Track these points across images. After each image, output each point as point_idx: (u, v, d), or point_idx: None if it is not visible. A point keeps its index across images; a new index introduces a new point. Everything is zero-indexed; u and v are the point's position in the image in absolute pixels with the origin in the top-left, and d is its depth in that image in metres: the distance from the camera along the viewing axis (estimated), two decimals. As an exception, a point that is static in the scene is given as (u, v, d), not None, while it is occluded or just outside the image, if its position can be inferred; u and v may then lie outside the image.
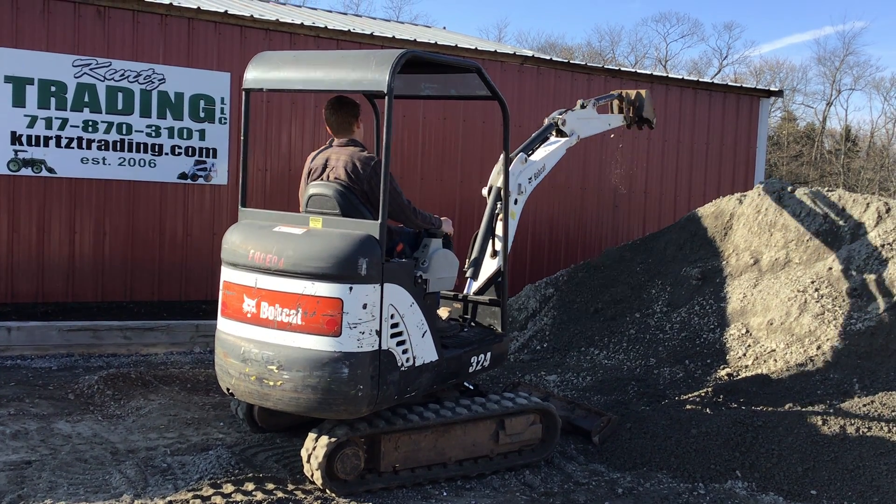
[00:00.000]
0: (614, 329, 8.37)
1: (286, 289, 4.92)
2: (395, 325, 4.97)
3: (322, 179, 5.41)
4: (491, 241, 6.10)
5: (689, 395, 6.58)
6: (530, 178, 6.81)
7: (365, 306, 4.80)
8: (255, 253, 5.05)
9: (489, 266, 6.12)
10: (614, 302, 8.76)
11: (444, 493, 5.30)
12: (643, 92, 8.48)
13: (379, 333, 4.85)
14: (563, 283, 9.46)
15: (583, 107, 7.74)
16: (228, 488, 5.05)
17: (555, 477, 5.68)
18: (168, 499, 4.88)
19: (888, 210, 8.08)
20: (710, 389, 6.55)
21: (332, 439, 4.97)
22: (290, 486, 5.17)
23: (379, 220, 4.88)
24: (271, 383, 4.96)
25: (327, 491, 5.07)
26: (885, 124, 54.16)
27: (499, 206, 6.09)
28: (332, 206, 5.26)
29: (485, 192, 6.34)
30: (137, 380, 7.31)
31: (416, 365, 5.12)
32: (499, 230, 6.13)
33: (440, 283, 5.52)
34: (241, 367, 5.09)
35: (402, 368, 5.03)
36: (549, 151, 7.13)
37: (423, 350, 5.16)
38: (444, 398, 5.66)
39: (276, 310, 4.95)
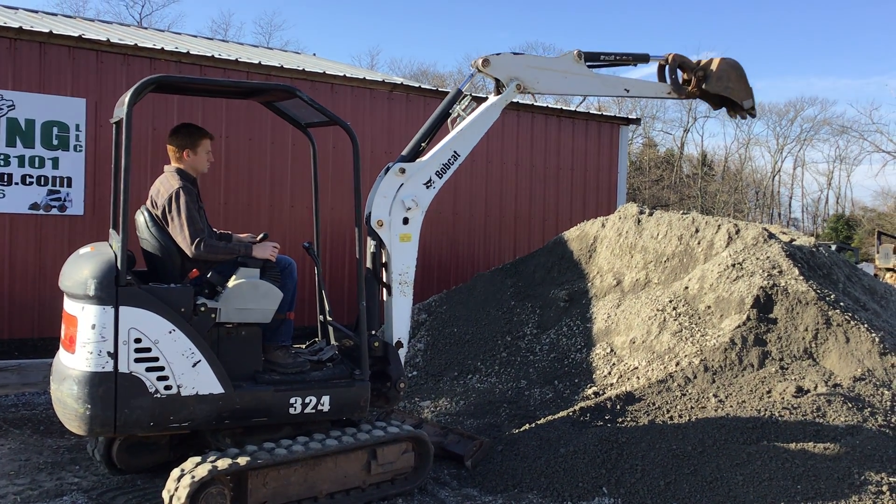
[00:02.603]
0: (486, 352, 8.46)
1: (65, 306, 5.17)
2: (144, 350, 4.88)
3: (145, 203, 5.55)
4: (380, 278, 5.89)
5: (559, 415, 6.71)
6: (427, 183, 5.93)
7: (94, 326, 4.81)
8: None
9: (394, 308, 5.84)
10: (486, 325, 8.86)
11: (315, 528, 5.19)
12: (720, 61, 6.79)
13: (113, 356, 4.81)
14: (435, 308, 9.51)
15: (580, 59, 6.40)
16: (84, 536, 4.77)
17: (428, 504, 5.66)
18: (16, 552, 4.56)
19: (737, 231, 8.56)
20: (577, 408, 6.70)
21: (195, 478, 4.79)
22: (152, 530, 4.94)
23: (119, 244, 4.89)
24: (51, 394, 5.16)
25: (192, 533, 4.86)
26: (738, 150, 57.57)
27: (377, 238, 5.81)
28: (143, 229, 5.43)
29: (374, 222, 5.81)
30: (-16, 424, 6.84)
31: (183, 395, 4.98)
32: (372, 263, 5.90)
33: (242, 314, 5.23)
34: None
35: (158, 396, 4.92)
36: (458, 130, 6.07)
37: (196, 381, 5.01)
38: (314, 430, 5.55)
39: (63, 327, 5.18)
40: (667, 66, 6.76)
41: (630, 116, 14.99)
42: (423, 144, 6.02)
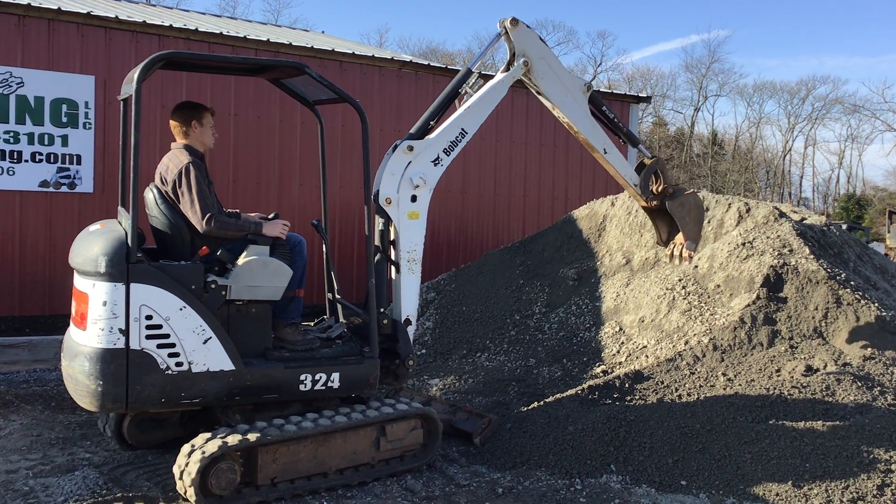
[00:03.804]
0: (495, 331, 8.47)
1: (75, 283, 5.19)
2: (155, 327, 4.90)
3: (154, 181, 5.54)
4: (388, 255, 5.87)
5: (567, 393, 6.72)
6: (435, 160, 5.85)
7: (105, 303, 4.83)
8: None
9: (403, 286, 5.83)
10: (495, 304, 8.87)
11: (325, 503, 5.22)
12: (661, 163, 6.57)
13: (125, 332, 4.83)
14: (444, 287, 9.52)
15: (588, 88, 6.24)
16: (95, 510, 4.81)
17: (436, 480, 5.68)
18: (29, 525, 4.61)
19: (748, 210, 8.52)
20: (586, 387, 6.71)
21: (206, 454, 4.82)
22: (163, 505, 4.98)
23: (130, 221, 4.89)
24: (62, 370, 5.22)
25: (202, 507, 4.91)
26: (749, 129, 57.20)
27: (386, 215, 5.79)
28: (152, 206, 5.42)
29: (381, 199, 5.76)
30: (-4, 400, 6.90)
31: (194, 371, 5.01)
32: (387, 240, 5.87)
33: (252, 291, 5.24)
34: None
35: (169, 372, 4.95)
36: (465, 107, 5.99)
37: (206, 357, 5.04)
38: (323, 407, 5.57)
39: (73, 304, 5.21)
40: (647, 165, 6.49)
41: (640, 94, 14.86)
42: (431, 123, 5.96)
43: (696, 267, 7.97)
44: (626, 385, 6.66)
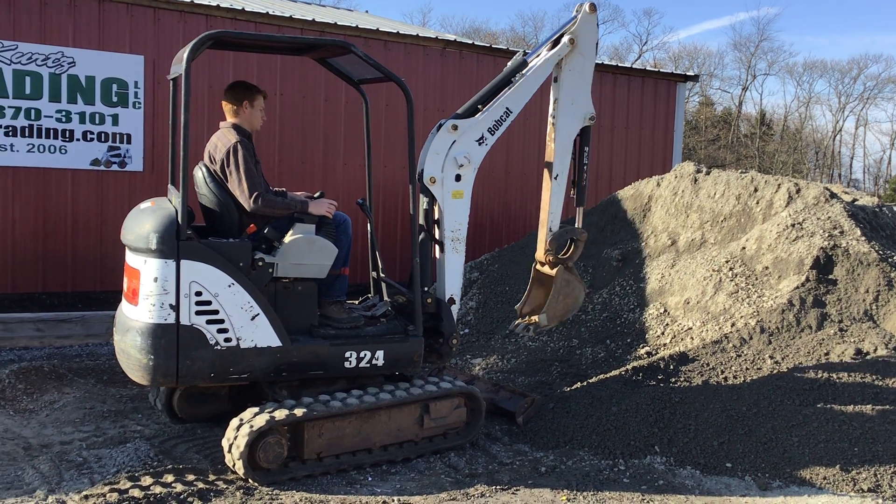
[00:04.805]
0: (538, 311, 8.44)
1: (127, 259, 5.31)
2: (204, 303, 4.99)
3: (203, 160, 5.62)
4: (433, 234, 5.89)
5: (610, 374, 6.70)
6: (480, 139, 5.84)
7: (156, 279, 4.92)
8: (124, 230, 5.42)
9: (447, 265, 5.85)
10: (537, 284, 8.84)
11: (370, 479, 5.29)
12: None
13: (175, 308, 4.92)
14: (487, 267, 9.53)
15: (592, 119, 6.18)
16: (147, 481, 4.93)
17: (479, 458, 5.72)
18: (84, 493, 4.74)
19: (798, 191, 8.36)
20: (629, 368, 6.68)
21: (254, 428, 4.91)
22: (212, 477, 5.08)
23: (180, 199, 4.97)
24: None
25: (250, 480, 5.01)
26: (798, 108, 56.03)
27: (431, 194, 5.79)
28: (201, 185, 5.48)
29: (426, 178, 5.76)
30: (51, 373, 7.08)
31: (242, 347, 5.08)
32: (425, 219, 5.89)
33: (298, 269, 5.31)
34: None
35: (218, 348, 5.03)
36: (511, 90, 5.95)
37: (254, 333, 5.12)
38: (368, 384, 5.63)
39: (125, 280, 5.32)
40: (576, 230, 6.27)
41: (688, 73, 14.62)
42: (479, 106, 5.92)
43: (744, 248, 7.86)
44: (671, 367, 6.61)
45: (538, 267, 6.40)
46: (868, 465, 5.38)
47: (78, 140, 9.21)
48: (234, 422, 5.07)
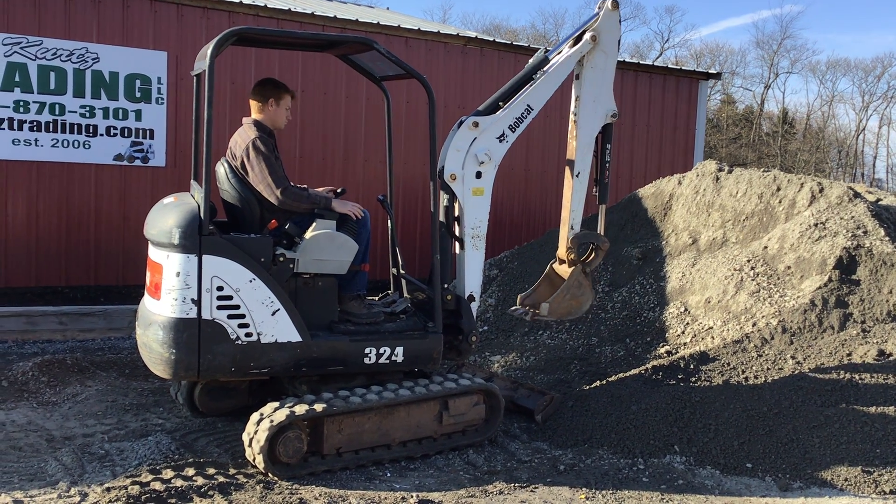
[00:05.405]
0: (557, 309, 8.42)
1: (150, 254, 5.36)
2: (225, 298, 5.01)
3: (225, 155, 5.67)
4: (453, 231, 5.90)
5: (630, 373, 6.68)
6: (500, 137, 5.84)
7: (178, 274, 4.95)
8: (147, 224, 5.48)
9: (466, 262, 5.87)
10: (557, 282, 8.82)
11: (388, 474, 5.31)
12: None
13: (197, 303, 4.95)
14: (506, 264, 9.52)
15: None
16: (168, 474, 4.98)
17: (498, 455, 5.72)
18: (106, 485, 4.79)
19: (821, 190, 8.29)
20: (649, 367, 6.65)
21: (274, 422, 4.94)
22: (232, 471, 5.12)
23: (202, 195, 5.00)
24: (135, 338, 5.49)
25: (270, 475, 5.04)
26: (821, 107, 55.51)
27: (451, 191, 5.82)
28: (223, 180, 5.53)
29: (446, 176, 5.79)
30: (74, 366, 7.15)
31: (263, 342, 5.11)
32: (446, 216, 5.91)
33: (318, 265, 5.35)
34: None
35: (239, 342, 5.06)
36: (533, 87, 5.94)
37: (275, 328, 5.15)
38: (387, 380, 5.65)
39: (148, 274, 5.37)
40: (598, 235, 6.34)
41: (709, 71, 14.54)
42: (500, 103, 5.93)
43: (766, 247, 7.81)
44: (691, 366, 6.58)
45: (556, 265, 6.39)
46: (890, 466, 5.33)
47: (101, 135, 9.28)
48: (255, 416, 5.11)
